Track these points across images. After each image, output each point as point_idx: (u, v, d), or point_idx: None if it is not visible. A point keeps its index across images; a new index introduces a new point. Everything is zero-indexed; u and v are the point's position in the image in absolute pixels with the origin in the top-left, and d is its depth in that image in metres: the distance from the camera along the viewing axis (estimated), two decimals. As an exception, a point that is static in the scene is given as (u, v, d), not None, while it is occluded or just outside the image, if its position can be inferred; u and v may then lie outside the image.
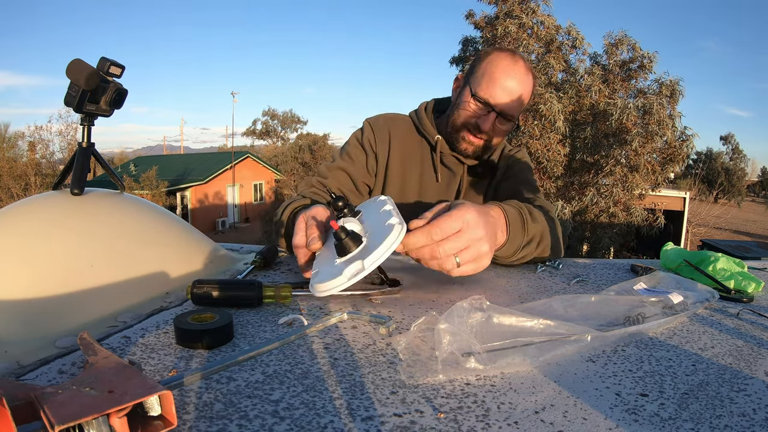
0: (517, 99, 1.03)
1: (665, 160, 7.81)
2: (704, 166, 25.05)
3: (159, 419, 0.34)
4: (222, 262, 0.85)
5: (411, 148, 1.15)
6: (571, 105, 7.64)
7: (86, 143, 0.77)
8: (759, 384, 0.45)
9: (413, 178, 1.14)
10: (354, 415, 0.39)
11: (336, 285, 0.56)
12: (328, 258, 0.65)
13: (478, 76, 1.05)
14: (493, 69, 1.03)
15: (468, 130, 1.07)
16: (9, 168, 13.84)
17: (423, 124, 1.14)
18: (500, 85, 1.01)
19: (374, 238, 0.62)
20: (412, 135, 1.16)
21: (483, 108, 1.04)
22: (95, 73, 0.72)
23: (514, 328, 0.51)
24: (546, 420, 0.38)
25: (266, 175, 23.64)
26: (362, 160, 1.13)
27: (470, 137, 1.07)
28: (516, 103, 1.03)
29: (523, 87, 1.04)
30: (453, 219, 0.65)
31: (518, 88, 1.03)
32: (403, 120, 1.18)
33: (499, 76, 1.02)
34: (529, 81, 1.05)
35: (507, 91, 1.02)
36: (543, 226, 0.87)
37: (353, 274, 0.56)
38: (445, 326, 0.46)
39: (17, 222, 0.67)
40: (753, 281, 0.75)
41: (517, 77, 1.02)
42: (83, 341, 0.45)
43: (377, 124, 1.16)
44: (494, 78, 1.02)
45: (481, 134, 1.06)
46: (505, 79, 1.02)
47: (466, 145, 1.09)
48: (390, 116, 1.18)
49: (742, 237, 16.58)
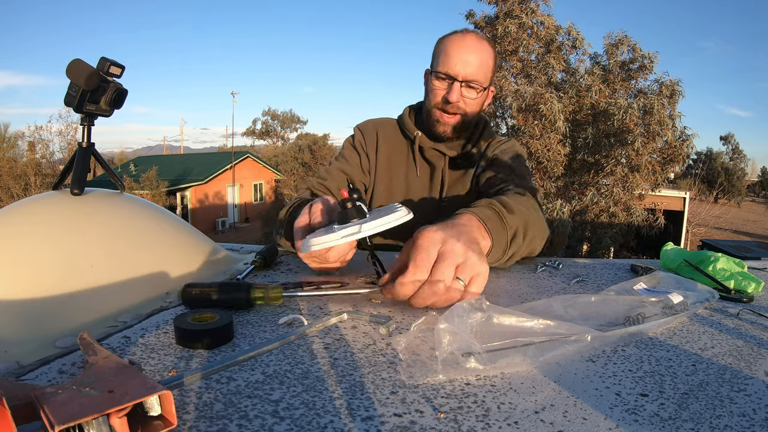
0: (476, 65, 1.08)
1: (665, 160, 7.81)
2: (704, 166, 25.05)
3: (159, 419, 0.34)
4: (222, 262, 0.85)
5: (396, 147, 1.22)
6: (571, 105, 7.63)
7: (86, 143, 0.77)
8: (759, 384, 0.45)
9: (399, 175, 1.21)
10: (354, 415, 0.39)
11: (328, 240, 0.55)
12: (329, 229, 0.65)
13: (436, 58, 1.12)
14: (446, 46, 1.10)
15: (440, 110, 1.12)
16: (9, 168, 13.84)
17: (405, 124, 1.22)
18: (455, 56, 1.08)
19: (378, 213, 0.60)
20: (397, 135, 1.24)
21: (446, 81, 1.09)
22: (95, 73, 0.72)
23: (514, 328, 0.51)
24: (546, 420, 0.38)
25: (266, 175, 23.64)
26: (357, 161, 1.21)
27: (444, 117, 1.12)
28: (476, 68, 1.08)
29: (479, 53, 1.09)
30: (424, 249, 0.60)
31: (474, 56, 1.08)
32: (389, 122, 1.26)
33: (452, 49, 1.09)
34: (483, 48, 1.10)
35: (463, 60, 1.07)
36: (522, 216, 0.82)
37: (348, 234, 0.55)
38: (445, 326, 0.46)
39: (17, 222, 0.67)
40: (753, 281, 0.75)
41: (470, 46, 1.09)
42: (83, 341, 0.45)
43: (366, 128, 1.24)
44: (449, 52, 1.09)
45: (452, 107, 1.10)
46: (458, 50, 1.08)
47: (443, 127, 1.13)
48: (377, 120, 1.27)
49: (742, 237, 16.58)
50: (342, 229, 0.55)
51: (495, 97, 7.81)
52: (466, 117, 1.12)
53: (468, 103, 1.10)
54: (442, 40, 1.13)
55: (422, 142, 1.18)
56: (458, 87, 1.08)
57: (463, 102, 1.10)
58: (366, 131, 1.23)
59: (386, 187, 1.20)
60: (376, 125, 1.24)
